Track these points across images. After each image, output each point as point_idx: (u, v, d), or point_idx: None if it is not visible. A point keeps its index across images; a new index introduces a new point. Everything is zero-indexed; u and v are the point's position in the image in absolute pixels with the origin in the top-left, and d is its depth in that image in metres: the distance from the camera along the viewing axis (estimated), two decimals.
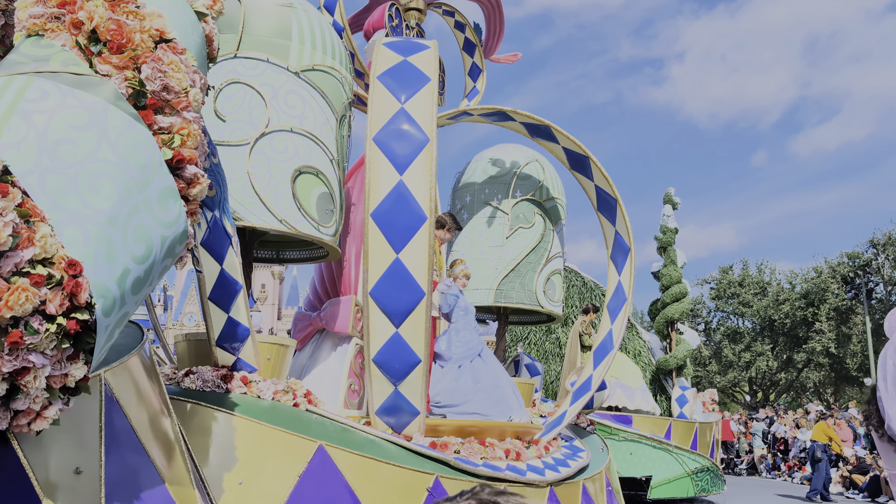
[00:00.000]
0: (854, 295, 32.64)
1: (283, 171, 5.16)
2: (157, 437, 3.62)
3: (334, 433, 4.72)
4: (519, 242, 8.15)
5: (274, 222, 5.08)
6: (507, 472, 5.45)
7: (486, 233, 8.22)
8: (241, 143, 5.10)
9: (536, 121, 7.72)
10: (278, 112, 5.22)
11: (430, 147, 5.04)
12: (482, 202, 8.35)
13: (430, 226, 4.96)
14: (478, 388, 6.72)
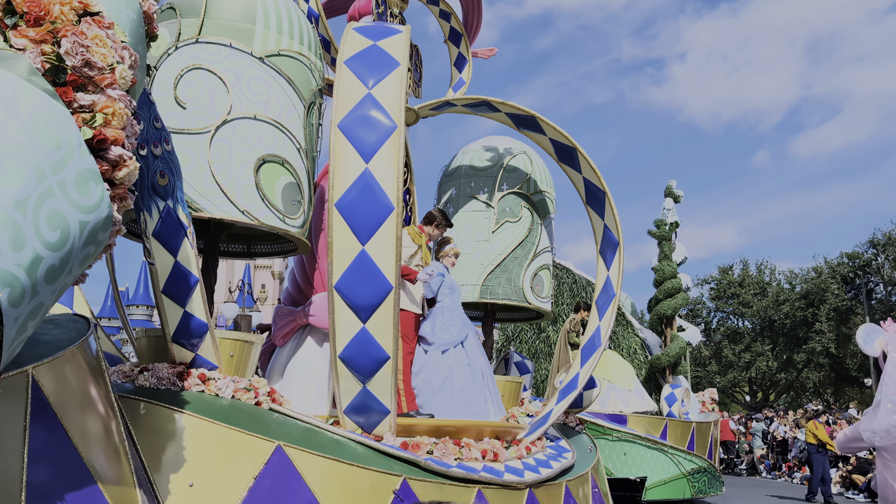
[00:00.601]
0: (854, 295, 32.63)
1: (245, 160, 4.96)
2: (95, 437, 3.42)
3: (296, 433, 4.51)
4: (505, 237, 7.92)
5: (236, 213, 4.88)
6: (483, 474, 5.23)
7: (472, 227, 7.99)
8: (201, 131, 4.89)
9: (522, 111, 7.49)
10: (241, 99, 5.02)
11: (398, 134, 4.82)
12: (468, 195, 8.12)
13: (398, 216, 4.74)
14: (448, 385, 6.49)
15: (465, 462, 5.34)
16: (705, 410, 12.69)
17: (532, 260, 7.97)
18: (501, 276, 7.83)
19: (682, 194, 12.37)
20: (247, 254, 6.24)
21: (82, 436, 3.29)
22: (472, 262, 7.86)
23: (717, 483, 10.57)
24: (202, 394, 4.52)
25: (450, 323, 6.78)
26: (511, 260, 7.87)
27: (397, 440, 5.16)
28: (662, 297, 11.31)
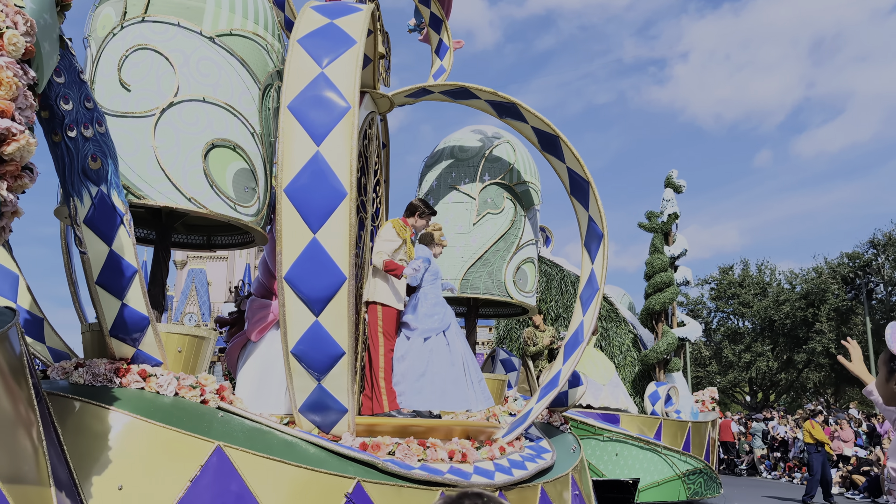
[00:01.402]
0: (854, 295, 32.44)
1: (193, 145, 4.69)
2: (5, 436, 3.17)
3: (240, 434, 4.24)
4: (487, 229, 7.62)
5: (181, 201, 4.61)
6: (448, 476, 4.94)
7: (453, 219, 7.70)
8: (146, 114, 4.64)
9: (502, 98, 7.20)
10: (189, 80, 4.75)
11: (352, 115, 4.54)
12: (449, 186, 7.83)
13: (351, 202, 4.46)
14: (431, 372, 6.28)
15: (429, 463, 5.06)
16: (705, 410, 12.33)
17: (515, 253, 7.67)
18: (482, 270, 7.53)
19: (684, 184, 11.92)
20: (206, 245, 5.98)
21: None
22: (452, 256, 7.57)
23: (714, 485, 10.21)
24: (141, 391, 4.27)
25: (433, 310, 6.55)
26: (493, 253, 7.58)
27: (357, 440, 4.89)
28: (651, 291, 10.93)
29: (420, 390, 6.27)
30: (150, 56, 4.73)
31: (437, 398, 6.31)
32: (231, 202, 4.80)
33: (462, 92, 7.26)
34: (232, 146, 4.85)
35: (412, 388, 6.25)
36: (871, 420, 17.51)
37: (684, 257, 11.34)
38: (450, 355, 6.40)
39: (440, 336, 6.46)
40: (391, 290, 6.32)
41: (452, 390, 6.39)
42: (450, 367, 6.37)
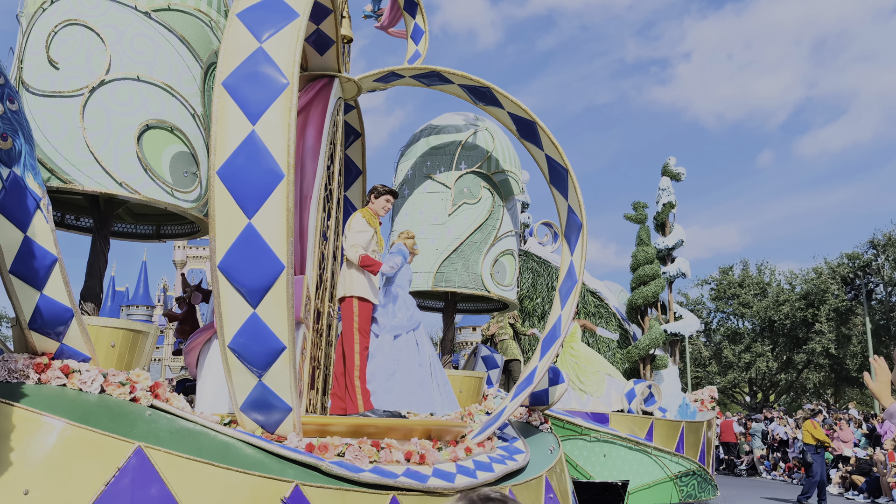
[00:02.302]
0: (854, 296, 31.97)
1: (125, 126, 4.41)
2: None
3: (167, 434, 3.94)
4: (463, 220, 7.30)
5: (111, 185, 4.33)
6: (402, 479, 4.62)
7: (427, 210, 7.38)
8: (74, 94, 4.36)
9: (476, 82, 6.87)
10: (122, 57, 4.47)
11: (291, 91, 4.23)
12: (424, 175, 7.51)
13: (289, 185, 4.15)
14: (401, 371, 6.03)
15: (383, 465, 4.74)
16: (704, 409, 11.93)
17: (492, 245, 7.34)
18: (458, 263, 7.21)
19: (684, 171, 11.42)
20: (155, 235, 5.70)
21: None
22: (426, 248, 7.25)
23: (709, 487, 9.80)
24: (63, 388, 3.98)
25: (404, 306, 6.29)
26: (469, 245, 7.25)
27: (303, 441, 4.58)
28: (635, 285, 10.50)
29: (391, 390, 6.04)
30: (80, 32, 4.45)
31: (406, 398, 6.06)
32: (168, 187, 4.52)
33: (434, 76, 6.95)
34: (169, 128, 4.56)
35: (383, 387, 6.00)
36: (870, 420, 17.07)
37: (681, 248, 10.87)
38: (418, 356, 6.16)
39: (410, 335, 6.22)
40: (368, 284, 6.03)
41: (419, 392, 6.15)
42: (418, 367, 6.14)
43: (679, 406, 9.52)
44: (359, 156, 8.07)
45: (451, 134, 7.56)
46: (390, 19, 6.89)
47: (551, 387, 7.21)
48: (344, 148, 8.12)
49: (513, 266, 7.59)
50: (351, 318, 5.98)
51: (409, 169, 7.64)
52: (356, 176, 8.12)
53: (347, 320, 5.99)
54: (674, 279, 10.76)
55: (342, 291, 6.01)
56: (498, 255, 7.37)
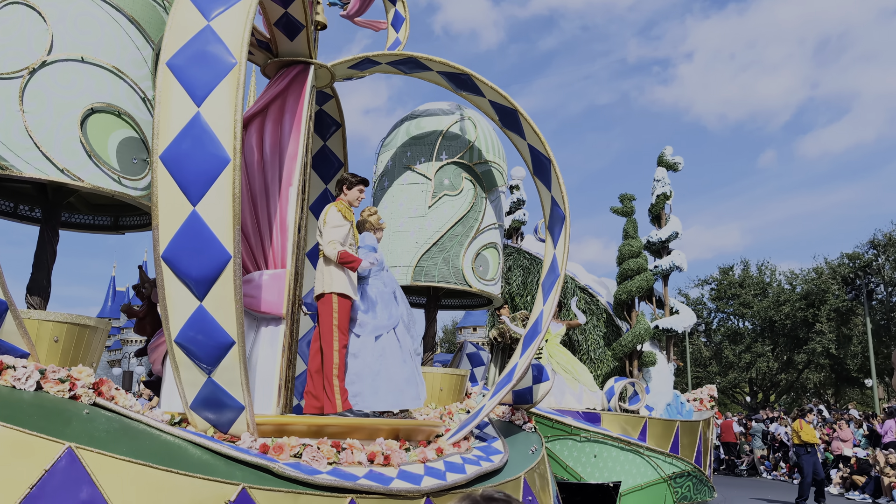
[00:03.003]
0: (854, 296, 32.00)
1: (67, 110, 4.19)
2: None
3: (104, 434, 3.71)
4: (443, 212, 7.05)
5: (52, 171, 4.11)
6: (363, 481, 4.37)
7: (407, 202, 7.14)
8: (13, 76, 4.14)
9: (455, 69, 6.62)
10: (65, 37, 4.25)
11: (238, 72, 4.00)
12: (403, 167, 7.27)
13: (235, 170, 3.92)
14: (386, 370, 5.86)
15: (343, 467, 4.50)
16: (702, 408, 11.62)
17: (474, 238, 7.09)
18: (438, 256, 6.96)
19: (681, 161, 11.01)
20: (113, 227, 5.48)
21: None
22: (405, 241, 7.02)
23: (705, 488, 9.48)
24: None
25: (383, 304, 6.10)
26: (449, 238, 7.00)
27: (258, 441, 4.35)
28: (620, 280, 10.15)
29: (377, 390, 5.85)
30: (19, 10, 4.23)
31: (395, 397, 5.90)
32: (115, 174, 4.29)
33: (411, 62, 6.70)
34: (116, 112, 4.34)
35: (370, 387, 5.79)
36: (870, 420, 16.77)
37: (678, 240, 10.48)
38: (401, 353, 5.99)
39: (391, 333, 6.02)
40: (347, 280, 5.83)
41: (407, 388, 5.99)
42: (402, 364, 5.97)
43: (668, 404, 9.18)
44: (339, 147, 7.83)
45: (433, 123, 7.31)
46: (358, 7, 6.61)
47: (535, 385, 6.95)
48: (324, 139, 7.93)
49: (496, 260, 7.33)
50: (330, 314, 5.76)
51: (390, 160, 7.40)
52: (338, 168, 7.88)
53: (326, 317, 5.77)
54: (668, 273, 10.41)
55: (320, 288, 5.79)
56: (480, 248, 7.12)
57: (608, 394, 8.98)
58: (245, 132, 5.80)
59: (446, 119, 7.30)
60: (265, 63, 6.26)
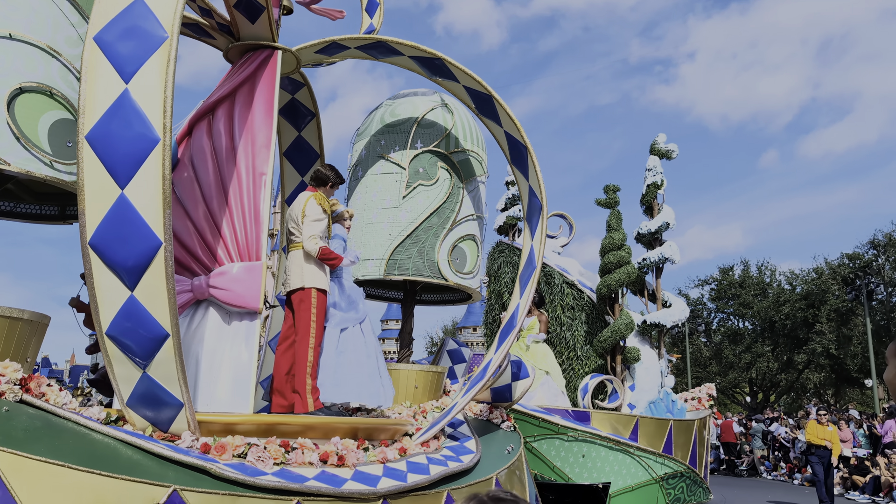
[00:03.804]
0: (854, 296, 31.87)
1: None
2: None
3: (21, 433, 3.47)
4: (418, 203, 6.78)
5: None
6: (312, 483, 4.12)
7: (381, 192, 6.88)
8: None
9: (427, 53, 6.35)
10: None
11: (169, 46, 3.75)
12: (377, 155, 7.01)
13: (165, 150, 3.67)
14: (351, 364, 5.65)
15: (291, 468, 4.24)
16: (701, 408, 11.28)
17: (450, 229, 6.82)
18: (412, 249, 6.70)
19: (675, 149, 10.57)
20: (60, 217, 5.25)
21: None
22: (378, 233, 6.76)
23: (700, 490, 9.14)
24: None
25: (351, 298, 5.89)
26: (424, 230, 6.74)
27: (200, 441, 4.10)
28: (602, 273, 9.77)
29: (338, 383, 5.67)
30: None
31: (355, 392, 5.68)
32: (46, 158, 4.05)
33: (381, 47, 6.43)
34: (48, 92, 4.10)
35: (331, 380, 5.62)
36: (870, 421, 16.43)
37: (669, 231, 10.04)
38: (365, 347, 5.78)
39: (356, 327, 5.82)
40: (325, 275, 5.63)
41: (369, 384, 5.77)
42: (366, 359, 5.76)
43: (651, 402, 8.82)
44: (315, 138, 7.59)
45: (408, 110, 7.05)
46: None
47: (514, 382, 6.66)
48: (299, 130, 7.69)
49: (475, 253, 7.05)
50: (308, 310, 5.55)
51: (364, 149, 7.14)
52: (314, 159, 7.64)
53: (305, 312, 5.55)
54: (658, 265, 10.00)
55: (297, 282, 5.57)
56: (457, 240, 6.84)
57: (582, 391, 8.67)
58: (213, 116, 5.58)
59: (422, 106, 7.04)
60: (227, 47, 6.02)
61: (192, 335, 5.14)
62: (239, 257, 5.27)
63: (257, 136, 5.55)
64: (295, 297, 5.62)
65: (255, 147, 5.52)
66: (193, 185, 5.34)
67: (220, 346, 5.14)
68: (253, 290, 5.07)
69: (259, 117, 5.62)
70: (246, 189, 5.40)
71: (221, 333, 5.16)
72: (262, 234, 5.28)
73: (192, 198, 5.29)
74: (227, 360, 5.09)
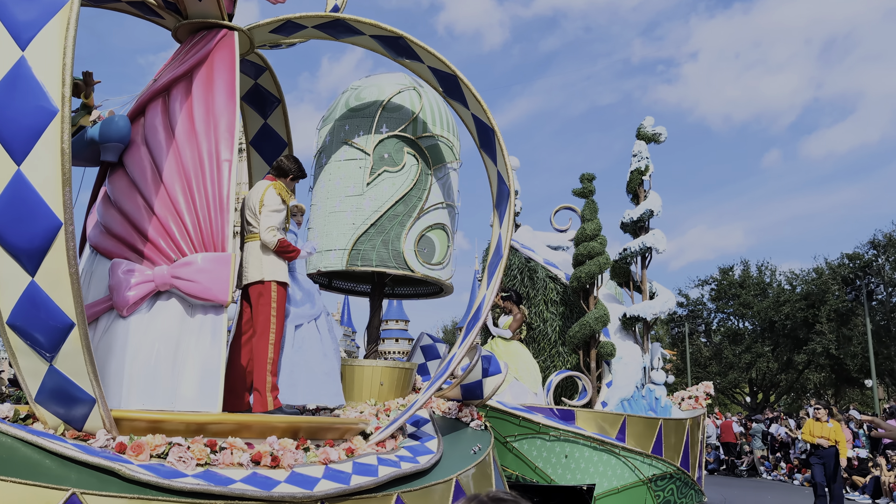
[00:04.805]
0: (854, 296, 31.69)
1: None
2: None
3: None
4: (383, 190, 6.45)
5: None
6: (237, 486, 3.79)
7: (344, 179, 6.55)
8: None
9: (388, 32, 6.02)
10: None
11: (70, 9, 3.44)
12: (341, 141, 6.68)
13: (64, 121, 3.36)
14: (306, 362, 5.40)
15: (218, 469, 3.92)
16: (698, 406, 10.85)
17: (418, 218, 6.48)
18: (376, 238, 6.37)
19: (664, 132, 10.07)
20: None
21: None
22: (341, 223, 6.43)
23: (691, 492, 8.73)
24: None
25: (307, 293, 5.62)
26: (389, 218, 6.40)
27: (116, 439, 3.79)
28: (575, 265, 9.32)
29: (294, 383, 5.41)
30: None
31: (312, 393, 5.42)
32: None
33: (340, 26, 6.10)
34: None
35: (287, 380, 5.39)
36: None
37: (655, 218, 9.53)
38: (321, 345, 5.50)
39: (311, 324, 5.54)
40: (284, 267, 5.35)
41: (327, 383, 5.49)
42: (322, 357, 5.50)
43: (625, 400, 8.38)
44: (282, 126, 7.29)
45: (373, 93, 6.72)
46: None
47: (485, 378, 6.31)
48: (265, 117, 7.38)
49: (444, 242, 6.71)
50: (268, 304, 5.27)
51: (328, 135, 6.83)
52: (282, 148, 7.34)
53: (265, 306, 5.26)
54: (641, 254, 9.51)
55: (255, 275, 5.27)
56: (424, 229, 6.51)
57: (546, 389, 8.28)
58: (168, 96, 5.28)
59: (388, 89, 6.71)
60: (175, 26, 5.72)
61: (151, 328, 4.82)
62: (203, 247, 4.96)
63: (219, 120, 5.24)
64: (253, 290, 5.33)
65: (217, 132, 5.21)
66: (150, 168, 5.03)
67: (185, 340, 4.83)
68: (221, 281, 4.77)
69: (220, 101, 5.32)
70: (209, 175, 5.09)
71: (185, 327, 4.84)
72: (228, 224, 4.97)
73: (148, 181, 4.98)
74: (192, 356, 4.78)
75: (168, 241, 4.92)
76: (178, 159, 5.07)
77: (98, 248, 4.90)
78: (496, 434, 7.85)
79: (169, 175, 5.00)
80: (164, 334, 4.76)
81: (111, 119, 5.00)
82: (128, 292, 4.67)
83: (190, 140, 5.14)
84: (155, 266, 4.82)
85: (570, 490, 7.84)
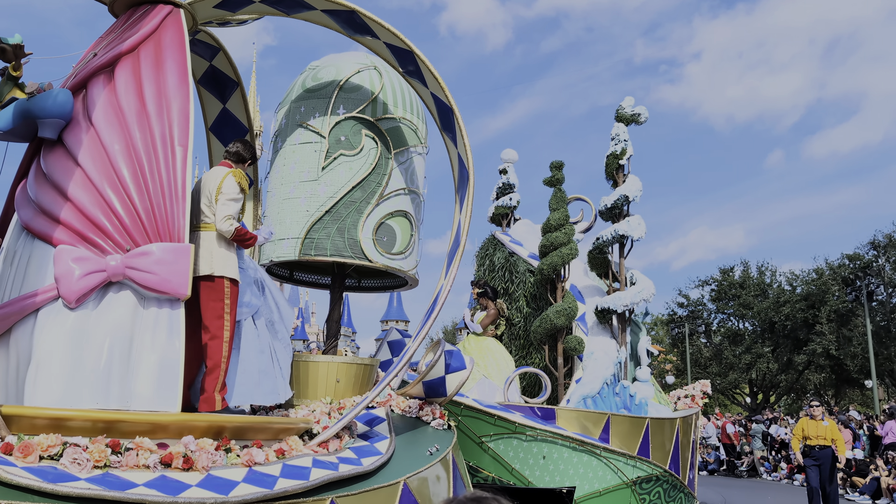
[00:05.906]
0: (855, 297, 31.38)
1: None
2: None
3: None
4: (339, 175, 6.08)
5: None
6: (140, 490, 3.44)
7: (299, 164, 6.19)
8: None
9: (339, 5, 5.64)
10: None
11: None
12: (296, 123, 6.32)
13: None
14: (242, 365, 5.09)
15: (120, 472, 3.57)
16: (693, 406, 10.39)
17: (376, 205, 6.11)
18: (332, 226, 6.00)
19: (644, 112, 9.46)
20: None
21: None
22: (295, 210, 6.07)
23: (681, 495, 8.26)
24: None
25: (248, 288, 5.29)
26: (345, 205, 6.03)
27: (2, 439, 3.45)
28: (541, 257, 8.82)
29: (229, 384, 5.06)
30: None
31: (248, 391, 5.09)
32: None
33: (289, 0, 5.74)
34: None
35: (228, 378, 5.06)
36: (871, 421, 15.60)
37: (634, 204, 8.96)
38: (258, 342, 5.20)
39: (248, 321, 5.23)
40: (236, 262, 5.02)
41: (262, 381, 5.21)
42: (258, 354, 5.21)
43: (587, 397, 7.88)
44: (241, 110, 6.96)
45: (331, 73, 6.36)
46: None
47: (448, 374, 5.92)
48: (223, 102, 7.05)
49: (407, 231, 6.33)
50: (221, 301, 4.94)
51: (284, 117, 6.47)
52: (243, 134, 7.00)
53: (217, 304, 4.93)
54: (617, 242, 8.98)
55: (205, 268, 4.91)
56: (384, 217, 6.13)
57: (504, 386, 7.84)
58: (113, 73, 4.96)
59: (346, 68, 6.34)
60: (111, 1, 5.40)
61: (102, 322, 4.47)
62: (158, 236, 4.61)
63: (172, 102, 4.91)
64: (203, 285, 4.98)
65: (170, 114, 4.88)
66: (95, 147, 4.70)
67: (139, 335, 4.49)
68: (180, 274, 4.44)
69: (172, 82, 4.98)
70: (164, 160, 4.74)
71: (138, 321, 4.50)
72: (184, 214, 4.63)
73: (94, 160, 4.64)
74: (148, 352, 4.44)
75: (118, 228, 4.57)
76: (127, 140, 4.74)
77: (31, 229, 4.56)
78: (471, 434, 7.46)
79: (117, 156, 4.67)
80: (117, 328, 4.42)
81: (51, 93, 4.67)
82: (78, 282, 4.34)
83: (141, 121, 4.81)
84: (104, 254, 4.49)
85: (549, 493, 7.41)
